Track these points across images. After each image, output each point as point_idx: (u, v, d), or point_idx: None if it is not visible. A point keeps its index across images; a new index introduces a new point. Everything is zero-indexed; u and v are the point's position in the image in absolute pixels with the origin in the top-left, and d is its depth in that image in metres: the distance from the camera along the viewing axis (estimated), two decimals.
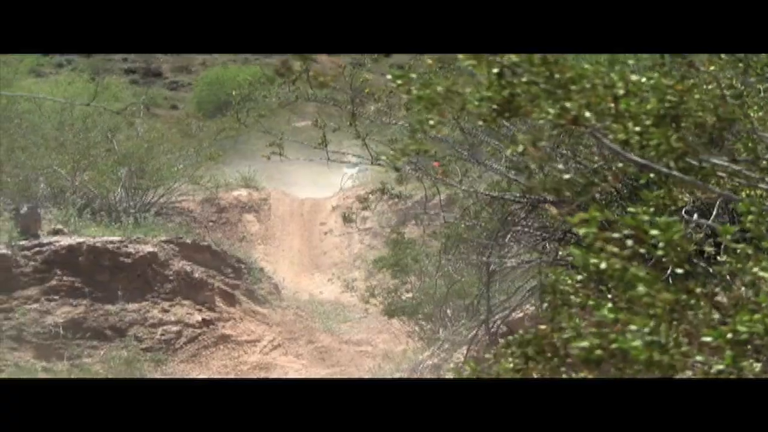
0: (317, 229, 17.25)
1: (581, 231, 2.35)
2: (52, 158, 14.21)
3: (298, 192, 19.12)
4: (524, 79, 2.25)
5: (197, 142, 18.13)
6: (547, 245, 7.87)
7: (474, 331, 8.12)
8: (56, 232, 11.88)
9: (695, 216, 4.34)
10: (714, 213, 4.57)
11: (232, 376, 11.18)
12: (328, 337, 12.66)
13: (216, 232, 16.43)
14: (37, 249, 11.51)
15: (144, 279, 11.75)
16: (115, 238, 11.90)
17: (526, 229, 8.00)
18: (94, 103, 10.01)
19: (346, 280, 10.49)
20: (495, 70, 2.25)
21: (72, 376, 10.81)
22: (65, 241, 11.66)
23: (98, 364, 11.09)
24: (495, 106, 2.24)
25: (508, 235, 8.02)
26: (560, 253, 7.74)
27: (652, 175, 2.61)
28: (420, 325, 10.22)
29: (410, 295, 10.03)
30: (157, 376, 10.93)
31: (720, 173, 2.74)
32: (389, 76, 2.59)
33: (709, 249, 3.52)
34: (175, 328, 11.68)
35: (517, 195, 7.40)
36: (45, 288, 11.39)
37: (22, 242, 11.55)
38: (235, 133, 20.58)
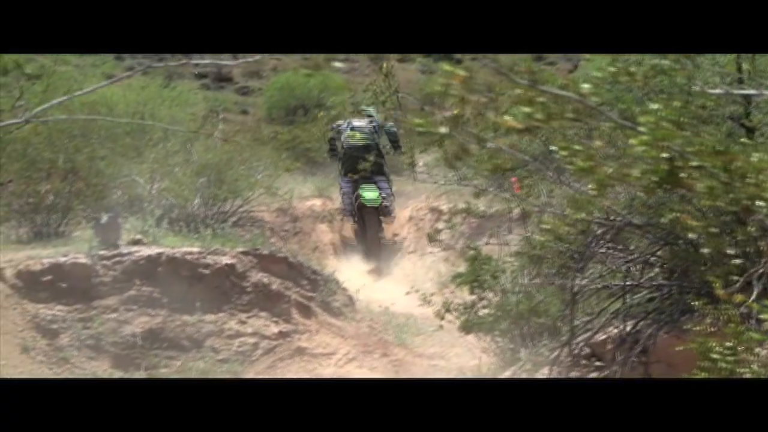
0: (390, 240, 17.17)
1: (763, 316, 2.33)
2: (131, 167, 14.28)
3: None
4: (694, 164, 2.24)
5: (271, 151, 18.19)
6: (631, 268, 7.81)
7: (556, 352, 8.05)
8: (136, 242, 11.95)
9: None
10: None
11: None
12: (402, 350, 12.60)
13: (290, 242, 16.44)
14: (117, 259, 11.60)
15: (221, 290, 11.80)
16: (194, 249, 11.94)
17: (609, 252, 7.94)
18: (202, 131, 10.02)
19: (424, 294, 10.42)
20: (665, 155, 2.24)
21: None
22: (145, 251, 11.74)
23: (175, 374, 11.14)
24: (656, 178, 2.23)
25: (592, 258, 7.97)
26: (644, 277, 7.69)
27: None
28: (496, 342, 10.14)
29: (487, 311, 9.95)
30: None
31: None
32: (554, 147, 2.60)
33: None
34: (251, 340, 11.71)
35: (602, 217, 7.35)
36: (124, 298, 11.47)
37: (102, 252, 11.63)
38: (314, 144, 20.64)
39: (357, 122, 17.20)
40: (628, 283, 7.62)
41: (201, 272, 11.78)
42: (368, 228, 16.71)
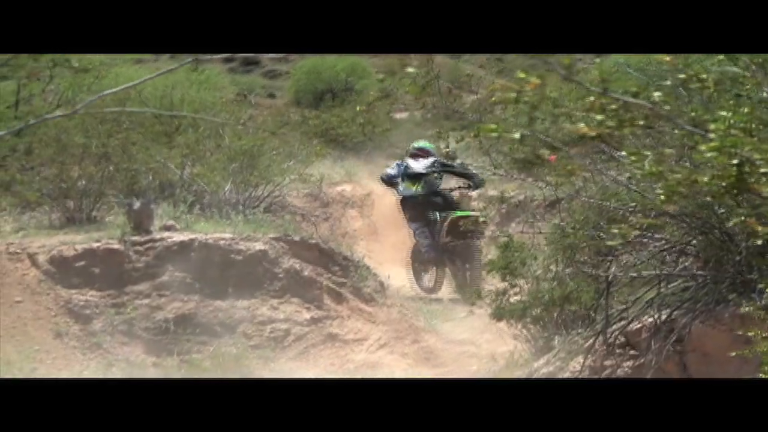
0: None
1: None
2: (162, 152, 14.26)
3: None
4: (763, 170, 2.24)
5: (302, 136, 18.19)
6: (667, 257, 7.79)
7: (591, 341, 8.04)
8: (168, 228, 11.96)
9: None
10: None
11: (339, 374, 11.18)
12: (433, 336, 12.57)
13: (321, 228, 16.44)
14: (150, 245, 11.63)
15: (254, 276, 11.81)
16: (227, 235, 11.96)
17: (645, 240, 7.92)
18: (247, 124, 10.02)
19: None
20: (734, 162, 2.24)
21: (182, 371, 10.92)
22: (177, 237, 11.77)
23: (207, 360, 11.19)
24: (724, 184, 2.23)
25: (627, 246, 7.96)
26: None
27: None
28: (528, 329, 10.11)
29: (518, 298, 9.92)
30: (266, 373, 10.97)
31: None
32: (624, 153, 2.60)
33: None
34: (283, 326, 11.72)
35: (638, 206, 7.33)
36: (156, 283, 11.51)
37: (135, 237, 11.66)
38: (346, 130, 20.60)
39: (413, 163, 15.01)
40: (663, 272, 7.60)
41: (233, 258, 11.80)
42: (473, 254, 14.31)
